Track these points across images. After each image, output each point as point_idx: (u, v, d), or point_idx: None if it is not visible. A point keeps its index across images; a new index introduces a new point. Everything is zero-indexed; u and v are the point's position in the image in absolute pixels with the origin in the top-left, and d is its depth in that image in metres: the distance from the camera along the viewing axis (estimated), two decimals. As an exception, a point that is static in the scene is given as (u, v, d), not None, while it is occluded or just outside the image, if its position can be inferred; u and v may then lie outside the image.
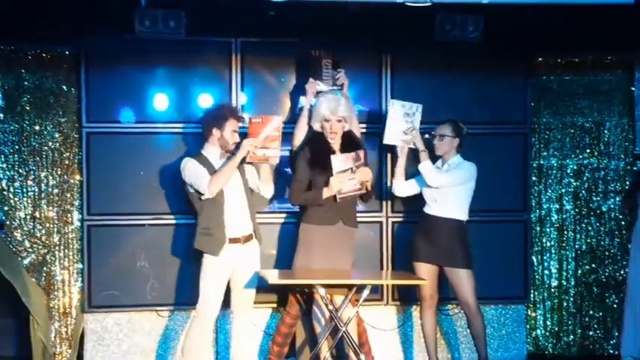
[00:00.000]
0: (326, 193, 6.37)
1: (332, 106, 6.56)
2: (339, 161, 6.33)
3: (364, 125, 7.41)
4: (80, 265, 7.40)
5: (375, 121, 7.53)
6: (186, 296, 7.36)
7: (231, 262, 6.45)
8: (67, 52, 7.32)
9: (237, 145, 6.48)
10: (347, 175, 6.31)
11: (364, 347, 6.92)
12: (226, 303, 6.65)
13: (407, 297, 7.57)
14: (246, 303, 6.64)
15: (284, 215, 7.52)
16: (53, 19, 6.52)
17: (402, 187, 7.03)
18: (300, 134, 6.88)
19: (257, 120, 6.50)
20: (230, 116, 6.39)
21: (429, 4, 5.87)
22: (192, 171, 6.42)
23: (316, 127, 6.72)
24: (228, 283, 6.54)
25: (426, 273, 6.78)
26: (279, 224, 7.52)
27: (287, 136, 6.91)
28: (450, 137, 6.81)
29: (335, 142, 6.64)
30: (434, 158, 6.86)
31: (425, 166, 6.71)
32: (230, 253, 6.42)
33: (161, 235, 7.43)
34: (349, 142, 6.67)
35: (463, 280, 6.71)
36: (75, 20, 6.57)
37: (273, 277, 6.23)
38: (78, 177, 7.40)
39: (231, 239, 6.42)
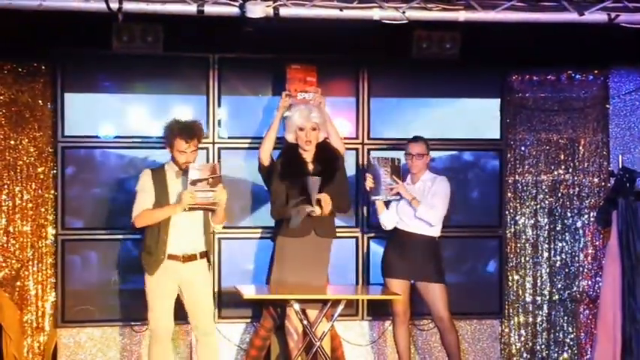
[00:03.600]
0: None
1: (305, 114, 6.59)
2: (195, 170, 6.18)
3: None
4: (53, 280, 7.39)
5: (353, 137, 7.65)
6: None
7: (173, 279, 6.37)
8: (43, 67, 7.33)
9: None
10: (202, 186, 6.16)
11: None
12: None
13: (382, 312, 7.60)
14: (203, 323, 6.49)
15: (259, 230, 7.56)
16: (29, 33, 6.52)
17: (390, 217, 6.95)
18: (267, 145, 6.82)
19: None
20: (178, 136, 6.23)
21: (406, 21, 5.92)
22: (139, 187, 6.40)
23: (290, 138, 6.72)
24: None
25: (398, 288, 6.78)
26: (255, 239, 7.56)
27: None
28: (426, 155, 6.88)
29: (309, 152, 6.66)
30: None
31: (422, 212, 6.75)
32: (170, 270, 6.33)
33: (136, 249, 7.39)
34: (324, 153, 6.68)
35: (437, 294, 6.76)
36: (51, 34, 6.57)
37: (247, 291, 6.27)
38: (52, 192, 7.40)
39: (170, 256, 6.31)
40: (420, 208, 6.71)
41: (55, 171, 7.40)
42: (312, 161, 6.64)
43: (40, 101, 7.35)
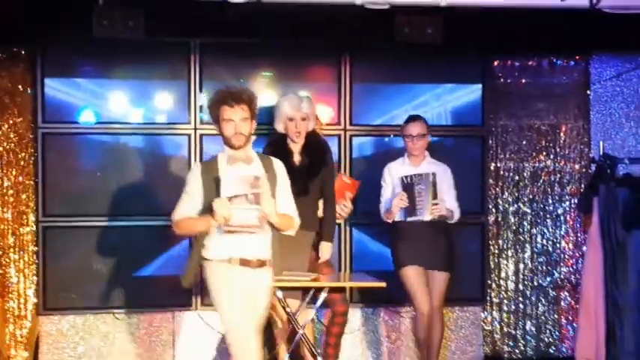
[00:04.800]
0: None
1: (295, 104, 6.55)
2: (234, 180, 4.83)
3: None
4: (35, 267, 7.37)
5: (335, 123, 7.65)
6: (142, 299, 7.40)
7: None
8: (22, 52, 7.29)
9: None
10: (241, 203, 4.79)
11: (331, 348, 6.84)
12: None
13: (370, 299, 7.60)
14: None
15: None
16: (8, 17, 6.47)
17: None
18: None
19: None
20: (221, 102, 5.00)
21: (387, 6, 5.92)
22: (185, 186, 5.12)
23: (280, 128, 6.64)
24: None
25: (417, 276, 6.55)
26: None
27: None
28: (427, 135, 6.62)
29: (298, 144, 6.63)
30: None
31: (457, 217, 6.65)
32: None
33: (118, 236, 7.43)
34: (313, 146, 6.65)
35: (441, 283, 6.66)
36: (31, 18, 6.53)
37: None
38: (33, 179, 7.37)
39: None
40: (456, 215, 6.62)
41: (35, 157, 7.36)
42: (300, 152, 6.60)
43: (19, 86, 7.33)
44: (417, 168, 6.55)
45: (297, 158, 6.56)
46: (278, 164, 5.18)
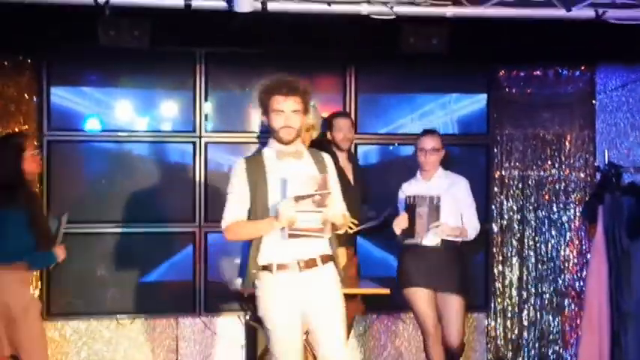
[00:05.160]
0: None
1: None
2: (299, 180, 4.41)
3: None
4: (39, 273, 7.34)
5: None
6: (146, 304, 7.42)
7: None
8: (28, 60, 7.30)
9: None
10: (306, 205, 4.36)
11: None
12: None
13: (371, 305, 7.57)
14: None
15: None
16: (15, 27, 6.49)
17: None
18: None
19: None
20: (273, 92, 4.57)
21: (393, 16, 5.92)
22: (229, 186, 4.69)
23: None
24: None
25: (424, 299, 6.23)
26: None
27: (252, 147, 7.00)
28: (441, 149, 6.32)
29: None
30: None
31: (472, 235, 6.29)
32: None
33: (122, 243, 7.45)
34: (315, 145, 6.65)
35: (459, 308, 6.24)
36: (37, 28, 6.53)
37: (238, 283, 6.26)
38: (38, 185, 7.36)
39: None
40: (470, 233, 6.27)
41: (41, 164, 7.34)
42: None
43: (25, 95, 7.32)
44: (428, 182, 6.31)
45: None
46: (328, 160, 4.74)
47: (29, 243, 5.48)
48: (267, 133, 6.75)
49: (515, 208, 7.93)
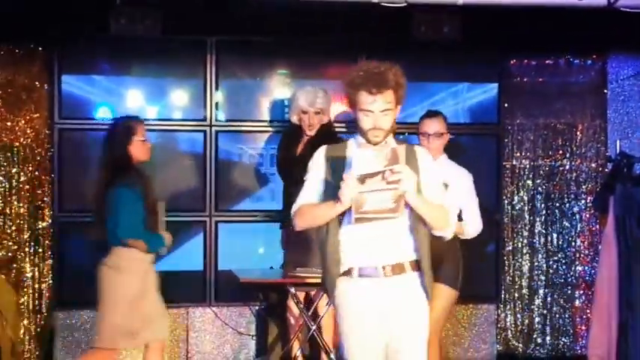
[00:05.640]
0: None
1: (310, 98, 6.56)
2: (365, 158, 3.78)
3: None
4: (50, 262, 7.41)
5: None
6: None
7: None
8: (40, 49, 7.31)
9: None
10: (375, 183, 3.74)
11: None
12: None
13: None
14: None
15: (257, 214, 7.61)
16: (26, 15, 6.51)
17: None
18: None
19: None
20: (361, 87, 3.92)
21: (405, 4, 5.93)
22: (307, 172, 4.19)
23: (294, 119, 6.72)
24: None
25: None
26: (253, 222, 7.60)
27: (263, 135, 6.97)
28: (445, 134, 5.93)
29: (309, 135, 6.64)
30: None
31: (471, 233, 5.94)
32: None
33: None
34: (325, 136, 6.65)
35: (443, 297, 5.87)
36: (49, 16, 6.56)
37: (243, 275, 6.29)
38: (50, 175, 7.42)
39: None
40: (468, 231, 5.90)
41: (51, 153, 7.41)
42: (306, 143, 6.61)
43: (36, 83, 7.34)
44: None
45: (300, 148, 6.61)
46: (421, 152, 4.10)
47: (141, 221, 5.59)
48: (278, 121, 6.87)
49: (525, 198, 7.93)
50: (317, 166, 4.06)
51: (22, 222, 7.32)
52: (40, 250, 7.39)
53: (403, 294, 3.90)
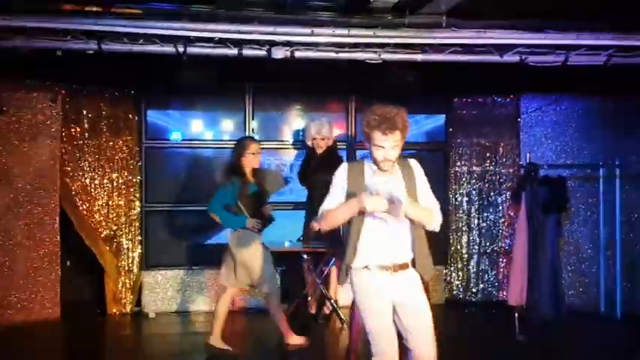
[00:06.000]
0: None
1: (317, 129, 6.62)
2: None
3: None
4: (140, 238, 7.40)
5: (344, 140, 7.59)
6: (209, 259, 7.36)
7: None
8: (132, 92, 7.33)
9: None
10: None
11: None
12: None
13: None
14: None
15: (290, 204, 7.49)
16: (122, 69, 6.50)
17: None
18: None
19: None
20: (375, 128, 3.63)
21: (381, 61, 5.91)
22: (332, 183, 3.82)
23: (308, 143, 6.82)
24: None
25: None
26: (287, 210, 7.45)
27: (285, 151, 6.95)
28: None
29: (319, 153, 6.72)
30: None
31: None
32: None
33: (195, 217, 7.42)
34: (330, 154, 6.67)
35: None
36: (137, 69, 6.54)
37: (271, 246, 6.19)
38: (139, 177, 7.40)
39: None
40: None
41: (140, 163, 7.40)
42: (318, 158, 6.69)
43: (130, 115, 7.35)
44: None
45: (313, 163, 6.63)
46: (415, 165, 3.85)
47: (222, 205, 5.62)
48: (295, 141, 6.86)
49: (464, 192, 7.89)
50: (340, 180, 3.74)
51: (120, 211, 7.32)
52: (132, 229, 7.39)
53: (407, 282, 3.70)
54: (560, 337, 6.42)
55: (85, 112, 7.12)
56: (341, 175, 3.76)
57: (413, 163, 3.86)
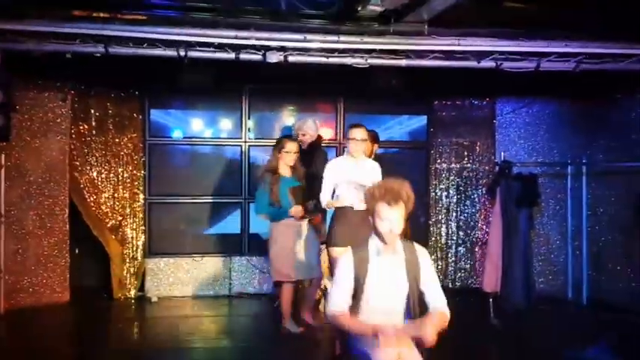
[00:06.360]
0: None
1: (299, 126, 6.58)
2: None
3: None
4: (143, 227, 7.36)
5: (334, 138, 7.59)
6: (210, 248, 7.40)
7: None
8: (136, 92, 7.28)
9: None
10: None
11: None
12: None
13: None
14: None
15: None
16: (127, 70, 6.45)
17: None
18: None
19: None
20: (380, 200, 3.39)
21: (368, 65, 5.89)
22: (337, 270, 3.54)
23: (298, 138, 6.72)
24: None
25: None
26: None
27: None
28: (367, 141, 5.38)
29: (304, 147, 6.57)
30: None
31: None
32: None
33: (195, 208, 7.44)
34: (314, 148, 6.62)
35: None
36: (141, 71, 6.49)
37: (265, 236, 6.17)
38: (142, 172, 7.37)
39: None
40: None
41: (144, 159, 7.35)
42: (304, 150, 6.61)
43: (134, 114, 7.30)
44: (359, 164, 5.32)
45: (302, 153, 6.57)
46: (420, 251, 3.49)
47: (266, 202, 5.64)
48: (287, 136, 6.83)
49: (444, 188, 7.89)
50: (347, 269, 3.38)
51: (125, 202, 7.29)
52: (136, 220, 7.35)
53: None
54: (531, 321, 6.44)
55: (92, 110, 7.08)
56: (347, 264, 3.39)
57: (419, 248, 3.49)
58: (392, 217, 3.32)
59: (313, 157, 6.53)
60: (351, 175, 5.18)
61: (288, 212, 5.61)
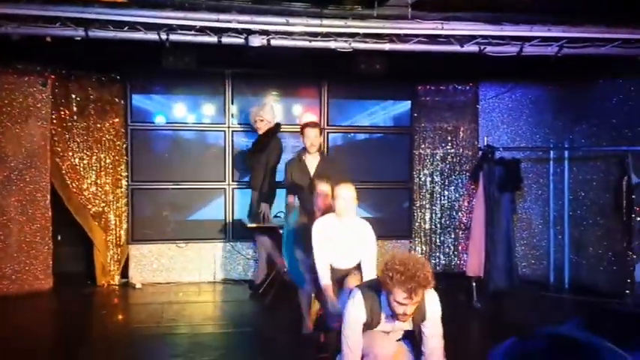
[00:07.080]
0: None
1: (254, 111, 6.61)
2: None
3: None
4: (126, 214, 7.30)
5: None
6: (194, 234, 7.35)
7: None
8: (118, 77, 7.18)
9: None
10: None
11: None
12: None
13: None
14: None
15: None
16: (108, 54, 6.37)
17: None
18: None
19: None
20: (397, 286, 3.24)
21: (351, 50, 5.85)
22: (345, 329, 3.57)
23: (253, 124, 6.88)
24: None
25: None
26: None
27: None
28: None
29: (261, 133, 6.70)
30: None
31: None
32: None
33: (178, 194, 7.37)
34: (269, 135, 6.63)
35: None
36: (123, 55, 6.43)
37: (249, 223, 6.17)
38: (125, 157, 7.29)
39: None
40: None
41: (126, 144, 7.27)
42: (261, 136, 6.67)
43: (116, 99, 7.21)
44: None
45: (254, 143, 6.66)
46: (431, 303, 3.41)
47: None
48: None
49: (427, 172, 7.89)
50: (355, 333, 3.33)
51: (107, 188, 7.22)
52: (119, 206, 7.29)
53: None
54: (513, 304, 6.50)
55: (73, 95, 6.98)
56: (354, 325, 3.31)
57: (429, 302, 3.36)
58: (409, 303, 3.16)
59: (269, 145, 6.49)
60: (336, 244, 4.45)
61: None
